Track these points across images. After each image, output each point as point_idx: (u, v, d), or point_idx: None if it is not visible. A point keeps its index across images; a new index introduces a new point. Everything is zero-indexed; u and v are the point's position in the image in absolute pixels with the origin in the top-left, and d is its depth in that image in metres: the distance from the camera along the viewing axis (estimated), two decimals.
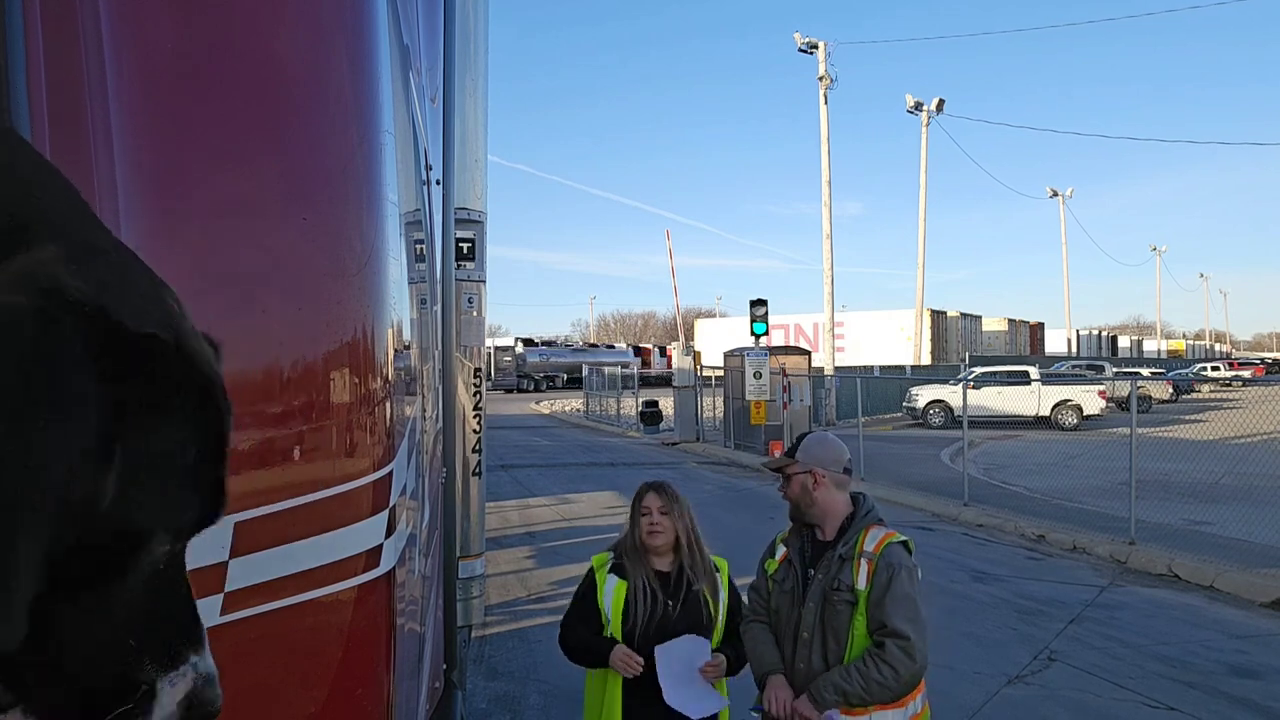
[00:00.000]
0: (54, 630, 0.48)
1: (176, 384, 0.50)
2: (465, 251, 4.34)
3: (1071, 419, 24.25)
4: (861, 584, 2.63)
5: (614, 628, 2.99)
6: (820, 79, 29.60)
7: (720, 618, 3.09)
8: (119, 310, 0.48)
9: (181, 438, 0.50)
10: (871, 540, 2.69)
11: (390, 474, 1.50)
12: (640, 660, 2.90)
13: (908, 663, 2.51)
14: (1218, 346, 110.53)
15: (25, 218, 0.49)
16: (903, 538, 2.74)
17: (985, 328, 50.62)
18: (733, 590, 3.19)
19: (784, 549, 2.94)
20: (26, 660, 0.47)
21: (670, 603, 3.02)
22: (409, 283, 2.11)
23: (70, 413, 0.44)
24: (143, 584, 0.52)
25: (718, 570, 3.16)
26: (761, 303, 19.95)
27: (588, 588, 3.12)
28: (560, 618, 3.24)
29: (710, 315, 71.76)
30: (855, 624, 2.63)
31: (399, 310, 1.78)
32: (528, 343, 53.62)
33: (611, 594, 3.04)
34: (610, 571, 3.09)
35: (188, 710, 0.57)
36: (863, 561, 2.65)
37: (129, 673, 0.53)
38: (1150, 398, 27.51)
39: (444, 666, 3.50)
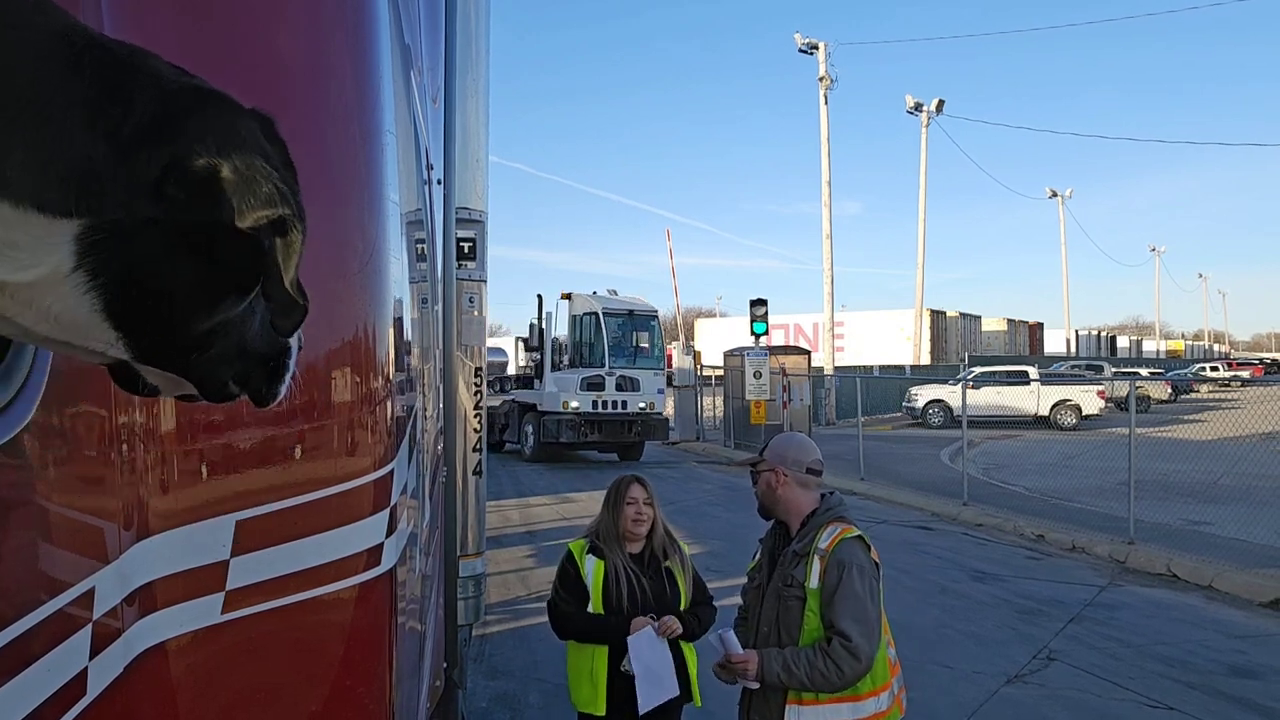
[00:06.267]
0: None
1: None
2: (466, 251, 4.33)
3: (1070, 419, 24.26)
4: (813, 582, 2.67)
5: (595, 604, 3.31)
6: (820, 79, 29.63)
7: (686, 590, 3.40)
8: None
9: None
10: (826, 537, 2.72)
11: (391, 473, 1.50)
12: (646, 620, 3.26)
13: (851, 662, 2.56)
14: (1216, 347, 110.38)
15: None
16: (857, 533, 2.75)
17: (985, 328, 50.63)
18: (693, 567, 3.54)
19: (759, 547, 3.02)
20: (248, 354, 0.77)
21: (643, 579, 3.33)
22: (410, 282, 2.12)
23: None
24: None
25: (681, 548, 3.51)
26: (761, 303, 19.96)
27: (572, 570, 3.41)
28: None
29: (710, 315, 71.64)
30: (807, 620, 2.67)
31: (400, 309, 1.79)
32: None
33: (592, 574, 3.35)
34: (589, 553, 3.40)
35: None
36: (816, 559, 2.69)
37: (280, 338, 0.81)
38: (1149, 398, 27.53)
39: (445, 665, 3.50)
